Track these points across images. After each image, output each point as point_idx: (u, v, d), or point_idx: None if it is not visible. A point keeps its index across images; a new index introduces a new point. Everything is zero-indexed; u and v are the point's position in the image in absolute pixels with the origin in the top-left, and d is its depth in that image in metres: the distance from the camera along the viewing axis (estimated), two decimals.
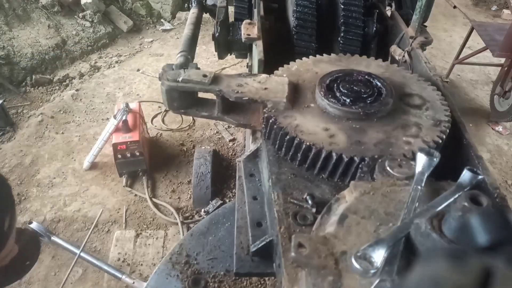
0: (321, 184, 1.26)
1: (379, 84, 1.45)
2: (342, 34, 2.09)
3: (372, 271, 0.75)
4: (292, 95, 1.43)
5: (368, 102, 1.37)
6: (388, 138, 1.28)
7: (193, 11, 2.49)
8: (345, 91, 1.39)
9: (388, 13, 2.43)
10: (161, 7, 6.70)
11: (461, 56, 5.10)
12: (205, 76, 1.44)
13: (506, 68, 4.34)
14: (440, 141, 1.29)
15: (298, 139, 1.26)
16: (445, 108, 1.42)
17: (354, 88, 1.40)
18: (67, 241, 3.09)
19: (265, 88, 1.43)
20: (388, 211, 0.94)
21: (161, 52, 5.90)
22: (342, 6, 2.08)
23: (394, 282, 0.76)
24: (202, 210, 3.37)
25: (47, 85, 5.06)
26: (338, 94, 1.39)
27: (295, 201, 1.17)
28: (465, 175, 0.95)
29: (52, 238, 3.05)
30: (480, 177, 0.94)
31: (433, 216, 0.79)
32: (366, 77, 1.48)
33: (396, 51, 2.05)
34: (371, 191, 0.99)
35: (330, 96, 1.38)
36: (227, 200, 3.45)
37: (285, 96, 1.39)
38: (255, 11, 2.19)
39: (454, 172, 1.01)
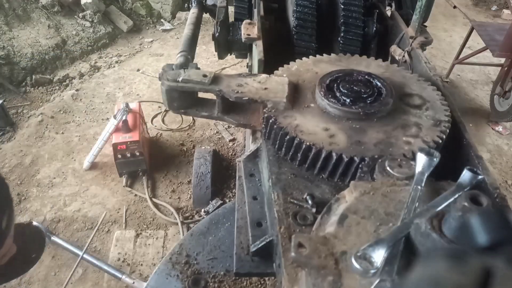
0: (321, 184, 1.26)
1: (379, 84, 1.45)
2: (342, 34, 2.09)
3: (372, 271, 0.75)
4: (292, 95, 1.43)
5: (368, 102, 1.37)
6: (388, 138, 1.28)
7: (193, 11, 2.49)
8: (345, 91, 1.39)
9: (388, 13, 2.43)
10: (161, 7, 6.70)
11: (461, 56, 5.10)
12: (205, 76, 1.44)
13: (506, 68, 4.34)
14: (440, 141, 1.29)
15: (298, 139, 1.26)
16: (445, 108, 1.42)
17: (354, 88, 1.40)
18: (67, 241, 3.09)
19: (265, 88, 1.43)
20: (388, 211, 0.94)
21: (161, 52, 5.90)
22: (342, 6, 2.08)
23: (394, 282, 0.76)
24: (202, 210, 3.37)
25: (47, 85, 5.06)
26: (338, 94, 1.39)
27: (295, 201, 1.17)
28: (465, 175, 0.95)
29: (52, 238, 3.05)
30: (480, 177, 0.94)
31: (433, 216, 0.79)
32: (366, 77, 1.48)
33: (396, 51, 2.05)
34: (371, 191, 0.99)
35: (330, 96, 1.38)
36: (227, 200, 3.45)
37: (285, 96, 1.39)
38: (255, 11, 2.19)
39: (454, 172, 1.01)
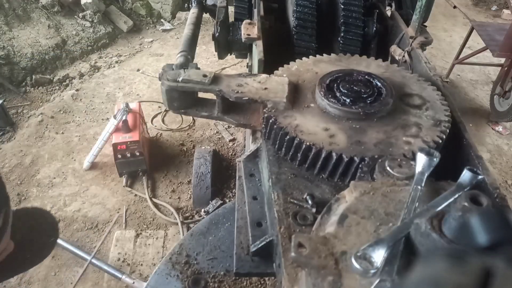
0: (321, 184, 1.26)
1: (379, 84, 1.45)
2: (342, 34, 2.09)
3: (372, 271, 0.75)
4: (292, 95, 1.43)
5: (368, 102, 1.37)
6: (388, 138, 1.28)
7: (193, 11, 2.49)
8: (345, 91, 1.39)
9: (388, 13, 2.43)
10: (161, 7, 6.70)
11: (461, 56, 5.10)
12: (205, 76, 1.45)
13: (506, 68, 4.34)
14: (440, 141, 1.29)
15: (298, 139, 1.26)
16: (445, 108, 1.42)
17: (354, 88, 1.40)
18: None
19: (265, 88, 1.43)
20: (388, 211, 0.94)
21: (161, 52, 5.90)
22: (342, 6, 2.08)
23: (394, 282, 0.76)
24: (202, 210, 3.37)
25: (47, 85, 5.06)
26: (338, 94, 1.39)
27: (295, 201, 1.17)
28: (465, 175, 0.95)
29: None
30: (480, 177, 0.94)
31: (433, 216, 0.79)
32: (366, 77, 1.48)
33: (396, 51, 2.05)
34: (371, 191, 0.99)
35: (330, 96, 1.38)
36: (227, 200, 3.45)
37: (285, 96, 1.39)
38: (255, 11, 2.19)
39: (454, 172, 1.01)
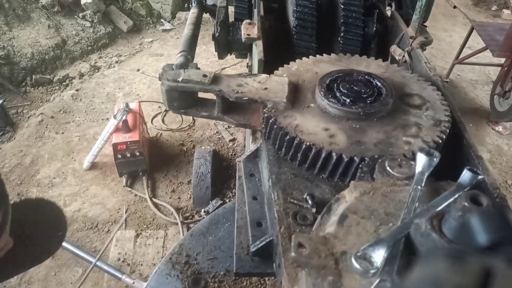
0: (321, 184, 1.26)
1: (379, 84, 1.45)
2: (342, 34, 2.09)
3: (372, 271, 0.75)
4: (292, 95, 1.43)
5: (368, 102, 1.37)
6: (388, 138, 1.28)
7: (193, 11, 2.49)
8: (345, 91, 1.39)
9: (388, 13, 2.43)
10: (161, 7, 6.70)
11: (461, 56, 5.10)
12: (205, 76, 1.45)
13: (506, 68, 4.34)
14: (440, 141, 1.29)
15: (298, 139, 1.26)
16: (445, 108, 1.42)
17: (354, 88, 1.40)
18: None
19: (265, 88, 1.43)
20: (388, 211, 0.94)
21: (161, 52, 5.90)
22: (342, 6, 2.08)
23: (394, 282, 0.76)
24: (202, 210, 3.37)
25: (47, 85, 5.06)
26: (338, 94, 1.39)
27: (295, 201, 1.17)
28: (465, 175, 0.95)
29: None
30: (480, 177, 0.94)
31: (433, 216, 0.79)
32: (366, 77, 1.48)
33: (396, 51, 2.05)
34: (371, 191, 0.99)
35: (330, 96, 1.38)
36: (227, 200, 3.45)
37: (285, 96, 1.39)
38: (255, 11, 2.19)
39: (454, 172, 1.01)
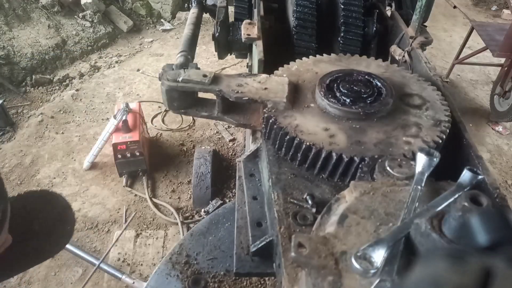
0: (321, 184, 1.26)
1: (379, 84, 1.45)
2: (342, 34, 2.09)
3: (372, 271, 0.75)
4: (292, 95, 1.43)
5: (368, 102, 1.37)
6: (388, 138, 1.28)
7: (193, 11, 2.49)
8: (345, 91, 1.39)
9: (388, 13, 2.43)
10: (161, 7, 6.70)
11: (461, 56, 5.10)
12: (205, 76, 1.44)
13: (506, 68, 4.34)
14: (440, 141, 1.29)
15: (298, 139, 1.26)
16: (445, 108, 1.42)
17: (354, 88, 1.40)
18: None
19: (265, 88, 1.43)
20: (388, 211, 0.94)
21: (161, 52, 5.90)
22: (342, 6, 2.08)
23: (394, 282, 0.76)
24: (202, 210, 3.37)
25: (47, 85, 5.06)
26: (338, 94, 1.39)
27: (295, 201, 1.17)
28: (465, 175, 0.95)
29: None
30: (480, 177, 0.94)
31: (433, 216, 0.79)
32: (366, 77, 1.48)
33: (396, 51, 2.05)
34: (371, 191, 0.99)
35: (330, 96, 1.38)
36: (227, 200, 3.45)
37: (285, 96, 1.39)
38: (255, 11, 2.19)
39: (454, 172, 1.01)
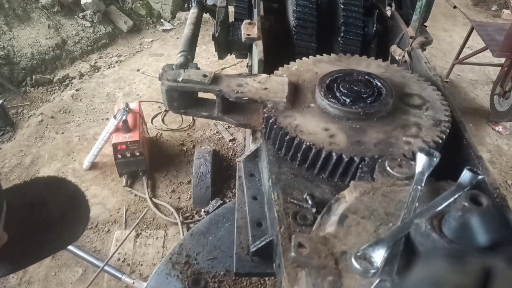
0: (321, 184, 1.26)
1: (379, 84, 1.45)
2: (342, 34, 2.09)
3: (372, 271, 0.75)
4: (292, 95, 1.43)
5: (368, 102, 1.37)
6: (388, 138, 1.28)
7: (193, 11, 2.49)
8: (345, 91, 1.39)
9: (388, 13, 2.43)
10: (161, 7, 6.70)
11: (461, 56, 5.10)
12: (205, 76, 1.44)
13: (506, 68, 4.34)
14: (440, 141, 1.29)
15: (298, 139, 1.26)
16: (445, 108, 1.42)
17: (354, 88, 1.40)
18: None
19: (265, 88, 1.43)
20: (388, 211, 0.94)
21: (161, 52, 5.90)
22: (342, 6, 2.08)
23: (394, 282, 0.76)
24: (202, 210, 3.37)
25: (47, 85, 5.06)
26: (338, 94, 1.39)
27: (295, 201, 1.17)
28: (465, 175, 0.95)
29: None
30: (480, 177, 0.94)
31: (433, 216, 0.79)
32: (366, 77, 1.48)
33: (396, 51, 2.05)
34: (371, 191, 0.99)
35: (330, 96, 1.38)
36: (227, 200, 3.45)
37: (285, 96, 1.39)
38: (255, 11, 2.19)
39: (454, 172, 1.01)
